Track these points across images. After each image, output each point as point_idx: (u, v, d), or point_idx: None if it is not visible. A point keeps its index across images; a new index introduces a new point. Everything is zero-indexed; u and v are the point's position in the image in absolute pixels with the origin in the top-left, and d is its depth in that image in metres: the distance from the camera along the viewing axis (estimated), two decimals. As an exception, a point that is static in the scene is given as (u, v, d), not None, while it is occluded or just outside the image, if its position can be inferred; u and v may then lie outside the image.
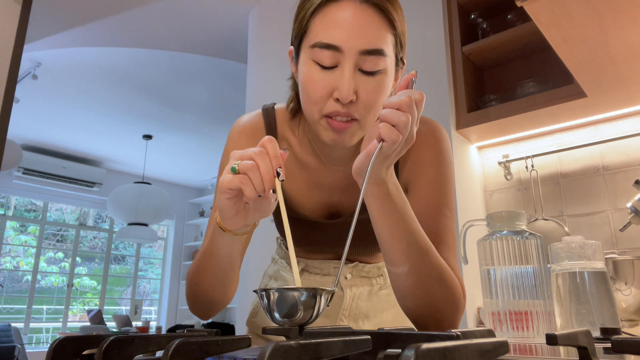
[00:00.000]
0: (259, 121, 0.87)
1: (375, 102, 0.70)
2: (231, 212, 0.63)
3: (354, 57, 0.67)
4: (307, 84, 0.70)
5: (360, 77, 0.68)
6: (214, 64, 3.92)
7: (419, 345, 0.27)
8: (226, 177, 0.59)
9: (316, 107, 0.70)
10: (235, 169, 0.58)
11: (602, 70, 1.41)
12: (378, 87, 0.69)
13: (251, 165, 0.58)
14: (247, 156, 0.59)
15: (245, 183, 0.58)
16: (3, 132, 1.97)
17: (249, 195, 0.58)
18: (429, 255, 0.69)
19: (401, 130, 0.59)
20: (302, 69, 0.71)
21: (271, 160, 0.58)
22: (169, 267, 7.17)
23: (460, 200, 1.85)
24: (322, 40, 0.67)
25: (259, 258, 1.72)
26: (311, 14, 0.70)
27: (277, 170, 0.58)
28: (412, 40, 2.34)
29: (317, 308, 0.52)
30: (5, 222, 5.83)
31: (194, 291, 0.78)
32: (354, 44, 0.66)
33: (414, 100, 0.59)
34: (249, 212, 0.64)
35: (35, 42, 3.34)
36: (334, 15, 0.68)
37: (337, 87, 0.67)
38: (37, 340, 5.86)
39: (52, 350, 0.42)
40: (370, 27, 0.67)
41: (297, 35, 0.73)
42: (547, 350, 0.54)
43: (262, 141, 0.60)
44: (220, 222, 0.66)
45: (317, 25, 0.69)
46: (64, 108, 4.82)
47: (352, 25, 0.66)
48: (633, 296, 1.20)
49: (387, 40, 0.69)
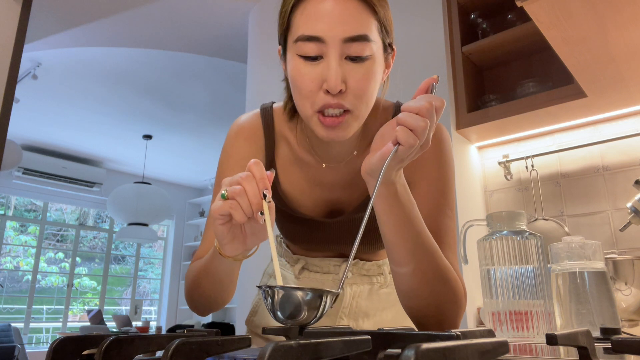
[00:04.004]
0: (256, 121, 0.87)
1: (365, 90, 0.69)
2: (228, 238, 0.64)
3: (338, 46, 0.66)
4: (295, 79, 0.70)
5: (347, 66, 0.68)
6: (214, 64, 3.92)
7: (419, 345, 0.27)
8: (217, 203, 0.60)
9: (308, 101, 0.69)
10: (225, 195, 0.60)
11: (602, 70, 1.41)
12: (367, 74, 0.68)
13: (239, 190, 0.59)
14: (235, 182, 0.60)
15: (235, 208, 0.59)
16: (3, 132, 1.97)
17: (238, 219, 0.59)
18: (434, 256, 0.69)
19: (419, 136, 0.59)
20: (290, 65, 0.71)
21: (257, 183, 0.60)
22: (169, 267, 7.17)
23: (460, 200, 1.85)
24: (304, 33, 0.67)
25: (258, 256, 1.71)
26: (291, 9, 0.70)
27: (264, 192, 0.60)
28: (412, 40, 2.33)
29: (321, 309, 0.52)
30: (5, 222, 5.82)
31: (193, 295, 0.79)
32: (336, 33, 0.66)
33: (434, 107, 0.59)
34: (247, 237, 0.65)
35: (35, 42, 3.34)
36: (313, 7, 0.67)
37: (325, 79, 0.67)
38: (37, 340, 5.86)
39: (52, 350, 0.42)
40: (351, 15, 0.67)
41: (282, 32, 0.73)
42: (547, 350, 0.54)
43: (249, 165, 0.61)
44: (219, 249, 0.67)
45: (298, 20, 0.69)
46: (64, 108, 4.82)
47: (332, 14, 0.66)
48: (633, 296, 1.20)
49: (370, 25, 0.68)
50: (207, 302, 0.79)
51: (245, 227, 0.65)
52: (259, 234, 0.65)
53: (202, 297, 0.78)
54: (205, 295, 0.77)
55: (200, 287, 0.77)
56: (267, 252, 1.14)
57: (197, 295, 0.78)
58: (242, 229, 0.65)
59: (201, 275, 0.75)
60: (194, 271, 0.77)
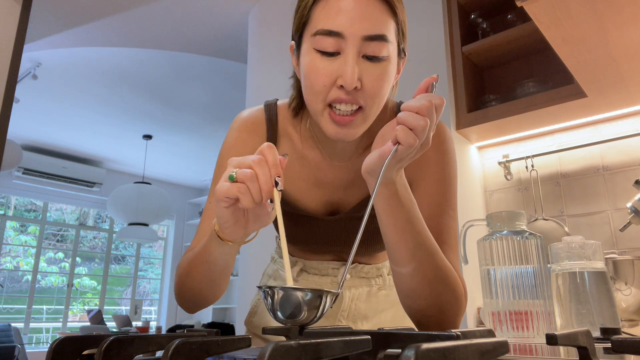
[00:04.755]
0: (260, 116, 0.86)
1: (380, 90, 0.69)
2: (230, 222, 0.62)
3: (357, 43, 0.66)
4: (309, 73, 0.69)
5: (364, 64, 0.67)
6: (214, 64, 3.92)
7: (419, 345, 0.27)
8: (224, 185, 0.58)
9: (319, 96, 0.68)
10: (233, 177, 0.57)
11: (602, 70, 1.41)
12: (382, 74, 0.68)
13: (250, 174, 0.56)
14: (245, 164, 0.57)
15: (244, 193, 0.56)
16: (3, 132, 1.97)
17: (246, 205, 0.57)
18: (434, 256, 0.69)
19: (418, 135, 0.58)
20: (304, 59, 0.70)
21: (270, 169, 0.57)
22: (169, 267, 7.17)
23: (460, 200, 1.84)
24: (324, 27, 0.66)
25: (258, 257, 1.72)
26: (313, 2, 0.69)
27: (276, 179, 0.57)
28: (412, 40, 2.34)
29: (321, 309, 0.52)
30: (5, 222, 5.82)
31: (183, 288, 0.77)
32: (356, 29, 0.65)
33: (434, 105, 0.59)
34: (249, 222, 0.63)
35: (35, 42, 3.34)
36: (335, 2, 0.67)
37: (340, 74, 0.66)
38: (37, 340, 5.86)
39: (52, 350, 0.42)
40: (373, 13, 0.66)
41: (299, 26, 0.72)
42: (547, 350, 0.54)
43: (261, 148, 0.59)
44: (219, 231, 0.65)
45: (319, 14, 0.68)
46: (64, 108, 4.82)
47: (354, 11, 0.66)
48: (633, 296, 1.20)
49: (389, 26, 0.68)
50: (197, 295, 0.76)
51: (248, 212, 0.63)
52: (261, 219, 0.63)
53: (192, 290, 0.76)
54: (195, 287, 0.75)
55: (191, 276, 0.74)
56: (267, 252, 1.14)
57: (187, 287, 0.76)
58: (245, 213, 0.63)
59: (194, 262, 0.73)
60: (186, 260, 0.76)
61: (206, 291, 0.76)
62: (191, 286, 0.76)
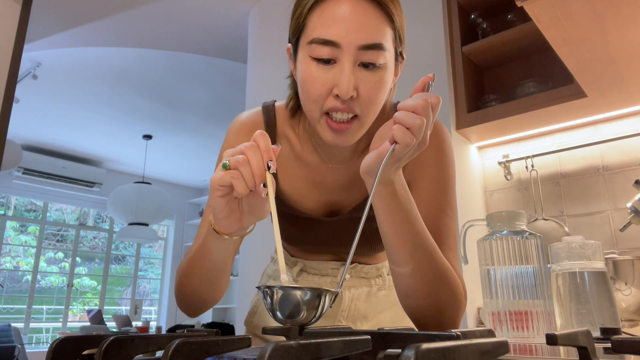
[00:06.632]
0: (258, 118, 0.86)
1: (376, 98, 0.69)
2: (224, 212, 0.62)
3: (353, 52, 0.66)
4: (305, 81, 0.69)
5: (360, 73, 0.67)
6: (214, 64, 3.92)
7: (419, 345, 0.27)
8: (217, 174, 0.58)
9: (316, 105, 0.69)
10: (227, 165, 0.57)
11: (602, 70, 1.41)
12: (379, 83, 0.68)
13: (242, 159, 0.57)
14: (238, 151, 0.58)
15: (237, 177, 0.57)
16: (3, 132, 1.97)
17: (240, 190, 0.57)
18: (433, 256, 0.69)
19: (415, 134, 0.58)
20: (301, 67, 0.70)
21: (262, 153, 0.57)
22: (169, 267, 7.17)
23: (460, 200, 1.85)
24: (319, 37, 0.66)
25: (258, 257, 1.72)
26: (308, 10, 0.69)
27: (268, 163, 0.57)
28: (412, 40, 2.33)
29: (320, 309, 0.51)
30: (5, 222, 5.82)
31: (183, 289, 0.77)
32: (352, 39, 0.65)
33: (430, 104, 0.59)
34: (244, 214, 0.63)
35: (35, 42, 3.34)
36: (331, 10, 0.66)
37: (336, 84, 0.66)
38: (37, 340, 5.86)
39: (52, 350, 0.42)
40: (369, 22, 0.66)
41: (295, 32, 0.72)
42: (547, 350, 0.54)
43: (254, 135, 0.59)
44: (215, 224, 0.65)
45: (315, 22, 0.68)
46: (64, 108, 4.82)
47: (350, 20, 0.65)
48: (633, 296, 1.20)
49: (386, 34, 0.68)
50: (195, 296, 0.76)
51: (242, 203, 0.63)
52: (256, 211, 0.63)
53: (191, 291, 0.76)
54: (194, 288, 0.75)
55: (190, 276, 0.75)
56: (267, 252, 1.14)
57: (186, 288, 0.76)
58: (240, 204, 0.63)
59: (193, 261, 0.73)
60: (186, 260, 0.76)
61: (204, 292, 0.76)
62: (190, 287, 0.76)
